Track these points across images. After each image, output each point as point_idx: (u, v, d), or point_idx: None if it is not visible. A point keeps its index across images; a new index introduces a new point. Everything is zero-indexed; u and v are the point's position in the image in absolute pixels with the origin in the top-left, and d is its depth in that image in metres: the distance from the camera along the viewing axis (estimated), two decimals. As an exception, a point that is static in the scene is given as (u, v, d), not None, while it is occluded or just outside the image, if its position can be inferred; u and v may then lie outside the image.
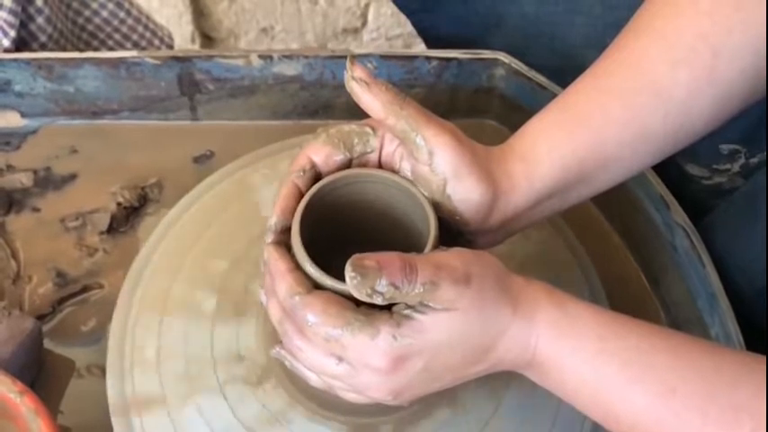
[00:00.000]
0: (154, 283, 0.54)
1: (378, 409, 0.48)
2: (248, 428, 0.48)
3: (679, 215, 0.57)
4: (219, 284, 0.54)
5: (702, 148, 0.61)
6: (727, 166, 0.63)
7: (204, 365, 0.50)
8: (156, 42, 0.78)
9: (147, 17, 0.79)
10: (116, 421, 0.48)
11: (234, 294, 0.53)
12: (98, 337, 0.55)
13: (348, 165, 0.45)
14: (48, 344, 0.54)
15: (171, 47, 0.81)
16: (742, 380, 0.38)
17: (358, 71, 0.42)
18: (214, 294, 0.53)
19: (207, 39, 1.34)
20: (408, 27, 0.77)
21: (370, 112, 0.43)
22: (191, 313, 0.52)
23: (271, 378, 0.49)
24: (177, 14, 1.27)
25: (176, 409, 0.49)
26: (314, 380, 0.43)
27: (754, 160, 0.63)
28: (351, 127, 0.45)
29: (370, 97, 0.42)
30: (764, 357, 0.39)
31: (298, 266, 0.42)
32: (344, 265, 0.38)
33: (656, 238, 0.59)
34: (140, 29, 0.77)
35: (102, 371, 0.52)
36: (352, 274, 0.37)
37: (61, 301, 0.57)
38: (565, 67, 0.53)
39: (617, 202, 0.62)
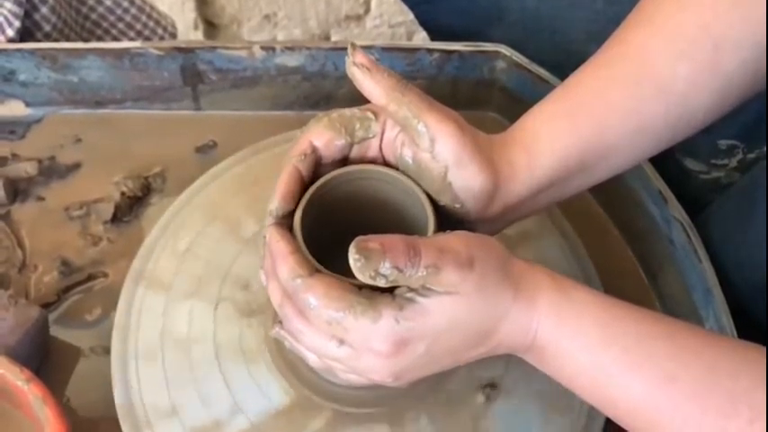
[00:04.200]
0: (160, 266, 0.55)
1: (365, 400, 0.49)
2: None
3: (676, 210, 0.57)
4: (226, 270, 0.54)
5: (701, 143, 0.62)
6: (725, 161, 0.64)
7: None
8: (160, 31, 0.79)
9: (151, 6, 0.79)
10: (118, 400, 0.50)
11: (240, 278, 0.54)
12: (103, 324, 0.56)
13: (349, 150, 0.45)
14: (53, 332, 0.55)
15: (174, 36, 0.81)
16: (742, 370, 0.38)
17: (359, 57, 0.42)
18: (221, 277, 0.54)
19: (210, 25, 1.34)
20: (411, 15, 0.77)
21: (371, 99, 0.43)
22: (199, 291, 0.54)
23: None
24: (180, 1, 1.27)
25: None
26: (313, 360, 0.44)
27: (752, 156, 0.63)
28: (352, 112, 0.45)
29: (371, 83, 0.42)
30: (763, 347, 0.39)
31: (299, 248, 0.42)
32: (345, 263, 0.38)
33: (654, 232, 0.59)
34: (144, 18, 0.77)
35: (105, 350, 0.53)
36: (356, 256, 0.37)
37: (66, 289, 0.57)
38: (566, 61, 0.53)
39: (615, 196, 0.62)
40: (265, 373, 0.50)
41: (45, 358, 0.54)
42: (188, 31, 1.30)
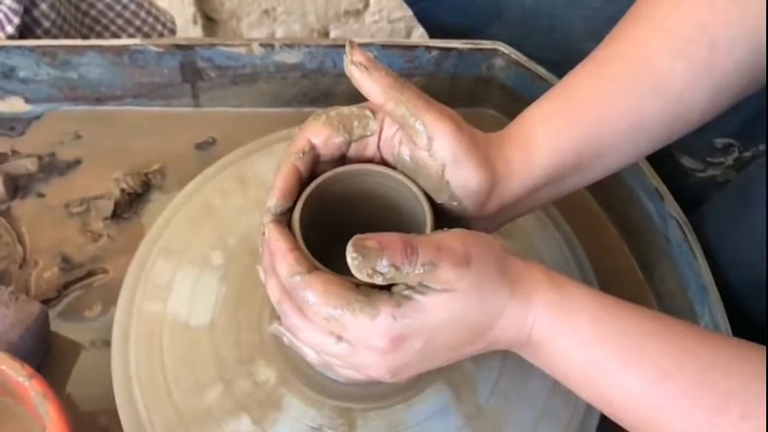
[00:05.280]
0: (159, 264, 0.55)
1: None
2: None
3: (672, 207, 0.57)
4: (224, 270, 0.55)
5: (697, 141, 0.62)
6: (721, 159, 0.64)
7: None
8: (159, 28, 0.79)
9: (150, 2, 0.79)
10: (118, 393, 0.50)
11: (238, 277, 0.54)
12: (103, 320, 0.56)
13: (347, 148, 0.45)
14: (54, 327, 0.55)
15: (173, 32, 0.81)
16: (735, 366, 0.38)
17: (357, 55, 0.42)
18: (218, 278, 0.54)
19: (209, 20, 1.34)
20: (410, 11, 0.77)
21: (369, 97, 0.43)
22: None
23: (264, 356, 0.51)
24: (179, -4, 1.27)
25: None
26: (311, 356, 0.44)
27: (748, 154, 0.63)
28: (351, 109, 0.45)
29: (369, 82, 0.42)
30: (757, 345, 0.40)
31: (298, 246, 0.42)
32: (343, 261, 0.38)
33: (650, 229, 0.60)
34: (143, 14, 0.77)
35: (106, 345, 0.53)
36: (354, 254, 0.38)
37: (67, 285, 0.58)
38: (564, 59, 0.53)
39: (612, 194, 0.62)
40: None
41: (46, 354, 0.54)
42: (187, 26, 1.30)
